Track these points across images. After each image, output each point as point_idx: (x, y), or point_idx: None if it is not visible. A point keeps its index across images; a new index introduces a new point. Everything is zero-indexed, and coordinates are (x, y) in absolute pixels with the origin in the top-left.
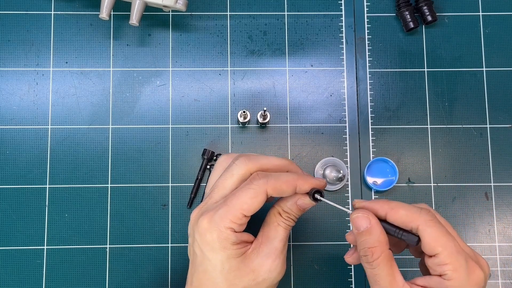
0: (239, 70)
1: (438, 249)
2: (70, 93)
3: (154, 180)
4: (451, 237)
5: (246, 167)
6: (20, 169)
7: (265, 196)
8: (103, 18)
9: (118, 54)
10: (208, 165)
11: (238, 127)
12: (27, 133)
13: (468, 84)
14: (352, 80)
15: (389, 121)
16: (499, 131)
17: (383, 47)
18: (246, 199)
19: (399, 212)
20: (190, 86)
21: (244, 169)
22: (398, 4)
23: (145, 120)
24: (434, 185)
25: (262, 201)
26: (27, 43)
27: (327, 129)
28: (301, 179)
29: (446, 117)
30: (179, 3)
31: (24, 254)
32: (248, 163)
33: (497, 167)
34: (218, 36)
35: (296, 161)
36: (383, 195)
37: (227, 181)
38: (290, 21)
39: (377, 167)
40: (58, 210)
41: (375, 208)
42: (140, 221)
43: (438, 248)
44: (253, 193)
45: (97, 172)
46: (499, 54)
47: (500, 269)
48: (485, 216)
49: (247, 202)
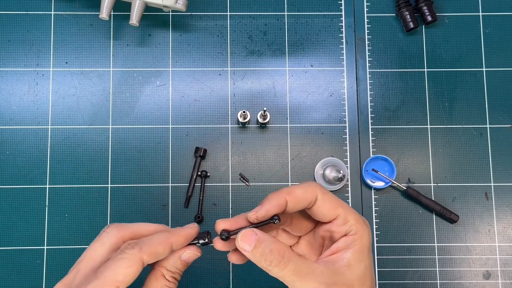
0: (239, 70)
1: (339, 210)
2: (70, 93)
3: (154, 180)
4: (341, 200)
5: (118, 235)
6: (20, 169)
7: (141, 264)
8: (103, 18)
9: (118, 54)
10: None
11: (238, 127)
12: (27, 133)
13: (468, 84)
14: (352, 80)
15: (389, 121)
16: (499, 131)
17: (383, 47)
18: (120, 269)
19: (296, 193)
20: (190, 86)
21: (116, 237)
22: (398, 4)
23: (145, 120)
24: (434, 185)
25: (138, 271)
26: (27, 43)
27: (327, 129)
28: (173, 235)
29: (446, 117)
30: (179, 3)
31: (24, 254)
32: (120, 230)
33: (497, 167)
34: (218, 36)
35: (296, 161)
36: (381, 193)
37: (96, 252)
38: (290, 21)
39: (376, 165)
40: (58, 210)
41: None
42: (140, 221)
43: (338, 208)
44: (127, 262)
45: (97, 172)
46: (499, 54)
47: (500, 269)
48: (485, 216)
49: (122, 273)
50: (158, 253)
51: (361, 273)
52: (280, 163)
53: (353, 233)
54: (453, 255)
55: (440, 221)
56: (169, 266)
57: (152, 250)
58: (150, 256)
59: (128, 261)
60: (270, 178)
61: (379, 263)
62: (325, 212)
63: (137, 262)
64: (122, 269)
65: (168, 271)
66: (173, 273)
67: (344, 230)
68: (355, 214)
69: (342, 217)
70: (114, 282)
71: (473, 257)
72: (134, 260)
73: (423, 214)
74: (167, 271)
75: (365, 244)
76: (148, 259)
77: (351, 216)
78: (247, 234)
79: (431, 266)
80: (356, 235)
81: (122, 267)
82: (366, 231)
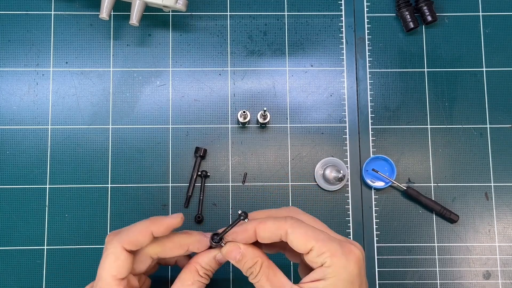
0: (239, 70)
1: (311, 243)
2: (70, 93)
3: (154, 180)
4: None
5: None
6: (20, 169)
7: (125, 253)
8: (103, 18)
9: (118, 54)
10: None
11: (238, 127)
12: (27, 133)
13: (468, 84)
14: (352, 80)
15: (389, 121)
16: (499, 131)
17: (383, 47)
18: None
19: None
20: (190, 86)
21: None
22: (398, 4)
23: (145, 120)
24: (434, 185)
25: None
26: (27, 43)
27: (327, 129)
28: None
29: (446, 117)
30: (179, 3)
31: (24, 254)
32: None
33: (497, 167)
34: (218, 36)
35: (296, 161)
36: (381, 193)
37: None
38: (290, 21)
39: (376, 165)
40: (58, 210)
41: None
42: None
43: (311, 241)
44: (112, 256)
45: (97, 172)
46: (499, 54)
47: (500, 269)
48: (485, 216)
49: (113, 266)
50: (138, 241)
51: None
52: (280, 163)
53: (327, 265)
54: (453, 255)
55: (440, 221)
56: (204, 263)
57: (132, 239)
58: (130, 245)
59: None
60: (270, 178)
61: (379, 263)
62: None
63: (121, 253)
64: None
65: (202, 267)
66: (206, 270)
67: (320, 261)
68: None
69: (315, 250)
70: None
71: (473, 257)
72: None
73: (423, 214)
74: (201, 268)
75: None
76: (130, 247)
77: (326, 248)
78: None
79: (431, 266)
80: (330, 268)
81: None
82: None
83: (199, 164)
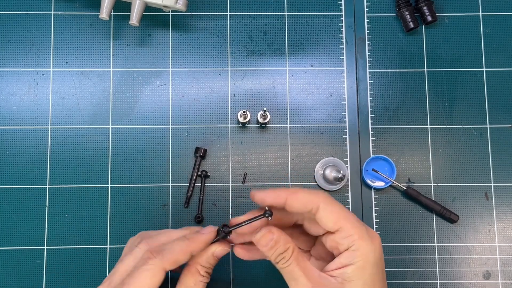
0: (239, 70)
1: (341, 222)
2: (70, 93)
3: (154, 180)
4: (349, 211)
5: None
6: (20, 169)
7: (163, 273)
8: (103, 18)
9: (118, 54)
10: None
11: (238, 127)
12: (27, 133)
13: (468, 84)
14: (352, 80)
15: (389, 121)
16: (499, 131)
17: (383, 47)
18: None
19: (299, 195)
20: (190, 86)
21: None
22: (398, 4)
23: (145, 120)
24: (434, 185)
25: (161, 279)
26: (27, 43)
27: (327, 129)
28: (193, 242)
29: (446, 117)
30: (179, 3)
31: (24, 254)
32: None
33: (497, 167)
34: (218, 36)
35: (296, 161)
36: (381, 193)
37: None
38: (290, 21)
39: (376, 165)
40: (58, 210)
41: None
42: (140, 221)
43: (341, 221)
44: (151, 273)
45: (97, 172)
46: (499, 54)
47: (500, 269)
48: (485, 216)
49: (147, 283)
50: (178, 261)
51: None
52: (280, 163)
53: (355, 249)
54: (453, 255)
55: (440, 221)
56: (203, 262)
57: (174, 259)
58: (171, 265)
59: (152, 271)
60: (270, 178)
61: None
62: (326, 222)
63: (160, 272)
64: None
65: (203, 266)
66: (207, 268)
67: (347, 243)
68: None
69: (344, 230)
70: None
71: (473, 257)
72: (157, 270)
73: (423, 214)
74: (202, 267)
75: (367, 261)
76: (170, 267)
77: (355, 231)
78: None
79: (431, 266)
80: (357, 251)
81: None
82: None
83: (199, 164)
